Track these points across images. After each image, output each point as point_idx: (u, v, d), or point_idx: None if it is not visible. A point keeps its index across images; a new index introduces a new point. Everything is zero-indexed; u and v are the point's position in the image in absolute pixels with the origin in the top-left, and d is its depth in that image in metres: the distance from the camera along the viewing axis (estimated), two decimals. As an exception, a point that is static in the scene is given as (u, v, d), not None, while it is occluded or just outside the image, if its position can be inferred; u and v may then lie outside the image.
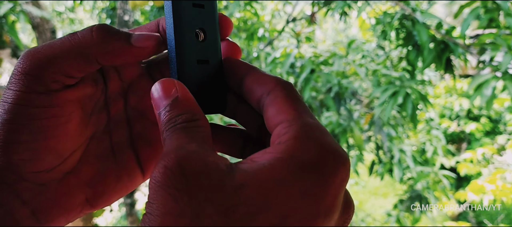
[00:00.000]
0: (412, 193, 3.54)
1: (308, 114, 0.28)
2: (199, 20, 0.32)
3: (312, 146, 0.25)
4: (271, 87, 0.29)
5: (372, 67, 2.98)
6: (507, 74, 1.72)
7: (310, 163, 0.25)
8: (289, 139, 0.26)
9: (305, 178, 0.24)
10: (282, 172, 0.24)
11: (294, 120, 0.27)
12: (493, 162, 4.29)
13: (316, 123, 0.27)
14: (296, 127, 0.26)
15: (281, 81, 0.29)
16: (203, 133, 0.28)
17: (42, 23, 2.84)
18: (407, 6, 2.20)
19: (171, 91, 0.29)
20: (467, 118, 5.47)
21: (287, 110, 0.28)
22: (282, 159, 0.25)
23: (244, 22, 3.83)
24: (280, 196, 0.24)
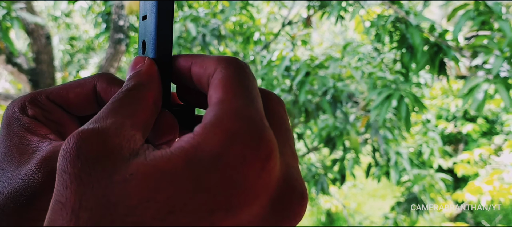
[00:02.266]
0: (409, 195, 3.54)
1: (237, 93, 0.25)
2: (144, 33, 0.33)
3: (217, 134, 0.23)
4: (214, 68, 0.28)
5: (368, 70, 2.99)
6: (499, 77, 1.72)
7: (210, 154, 0.22)
8: (200, 127, 0.24)
9: (203, 170, 0.22)
10: (177, 163, 0.22)
11: (216, 103, 0.25)
12: (490, 163, 4.30)
13: (239, 104, 0.25)
14: (211, 114, 0.24)
15: (223, 60, 0.28)
16: (137, 105, 0.27)
17: (37, 29, 2.84)
18: (400, 9, 2.21)
19: (138, 64, 0.30)
20: (464, 119, 5.47)
21: (216, 92, 0.26)
22: (183, 148, 0.23)
23: (240, 25, 3.84)
24: (168, 190, 0.22)
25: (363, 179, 4.35)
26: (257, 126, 0.23)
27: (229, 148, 0.22)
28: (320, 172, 3.43)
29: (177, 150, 0.23)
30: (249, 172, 0.22)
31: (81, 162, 0.22)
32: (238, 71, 0.27)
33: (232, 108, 0.24)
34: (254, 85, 0.27)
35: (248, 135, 0.23)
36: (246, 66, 0.28)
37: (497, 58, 1.70)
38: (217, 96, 0.25)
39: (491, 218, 5.09)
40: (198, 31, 3.00)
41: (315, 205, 5.47)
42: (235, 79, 0.26)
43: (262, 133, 0.23)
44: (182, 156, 0.22)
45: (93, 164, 0.22)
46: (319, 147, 3.57)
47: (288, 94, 3.15)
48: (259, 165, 0.23)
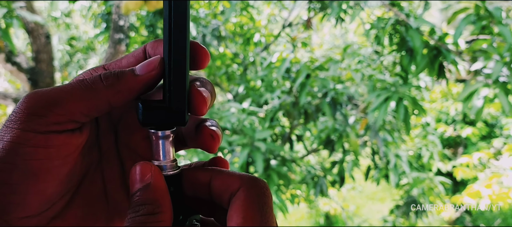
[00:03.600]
0: (408, 198, 3.54)
1: (256, 220, 0.28)
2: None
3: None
4: (237, 186, 0.30)
5: (367, 73, 2.98)
6: (498, 82, 1.71)
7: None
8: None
9: None
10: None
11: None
12: (489, 166, 4.29)
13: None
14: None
15: (246, 180, 0.30)
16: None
17: (37, 28, 2.84)
18: (400, 11, 2.20)
19: (146, 176, 0.30)
20: (463, 122, 5.47)
21: (237, 216, 0.28)
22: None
23: (240, 27, 3.84)
24: None
25: (362, 181, 4.35)
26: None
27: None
28: (319, 174, 3.42)
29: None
30: None
31: None
32: (259, 195, 0.29)
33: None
34: (271, 210, 0.29)
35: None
36: (266, 188, 0.30)
37: (497, 63, 1.70)
38: (237, 221, 0.28)
39: (490, 222, 5.09)
40: (198, 32, 3.00)
41: (314, 207, 5.46)
42: (255, 204, 0.29)
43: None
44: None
45: None
46: (318, 149, 3.57)
47: (288, 96, 3.15)
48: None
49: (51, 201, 0.31)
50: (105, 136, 0.35)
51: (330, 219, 5.66)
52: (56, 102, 0.29)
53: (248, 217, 0.28)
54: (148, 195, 0.29)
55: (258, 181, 0.30)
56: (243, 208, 0.29)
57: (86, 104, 0.30)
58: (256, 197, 0.29)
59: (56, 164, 0.30)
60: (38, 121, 0.29)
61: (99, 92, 0.30)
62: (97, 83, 0.31)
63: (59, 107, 0.29)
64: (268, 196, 0.30)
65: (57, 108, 0.29)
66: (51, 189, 0.30)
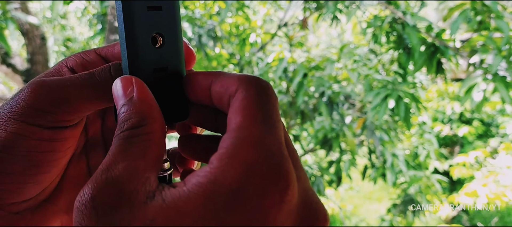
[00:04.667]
0: (405, 197, 3.54)
1: (257, 120, 0.24)
2: (157, 24, 0.29)
3: (235, 166, 0.22)
4: (235, 88, 0.27)
5: (364, 72, 2.99)
6: (497, 76, 1.72)
7: (229, 189, 0.22)
8: (216, 158, 0.23)
9: (223, 207, 0.21)
10: (196, 203, 0.21)
11: (233, 130, 0.24)
12: (486, 165, 4.30)
13: (258, 133, 0.24)
14: (228, 142, 0.24)
15: (244, 80, 0.27)
16: (146, 142, 0.25)
17: (32, 30, 2.83)
18: (397, 9, 2.21)
19: (127, 89, 0.27)
20: (460, 121, 5.49)
21: (236, 117, 0.25)
22: (201, 185, 0.22)
23: (236, 27, 3.83)
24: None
25: (360, 181, 4.35)
26: (276, 157, 0.23)
27: (247, 181, 0.22)
28: (316, 174, 3.42)
29: (195, 187, 0.22)
30: (270, 205, 0.22)
31: (98, 214, 0.22)
32: (260, 93, 0.26)
33: (250, 137, 0.23)
34: (275, 109, 0.26)
35: (266, 166, 0.22)
36: (268, 87, 0.27)
37: (496, 56, 1.70)
38: (236, 121, 0.25)
39: (487, 220, 5.10)
40: (194, 32, 2.99)
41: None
42: (256, 103, 0.25)
43: (281, 163, 0.23)
44: (200, 193, 0.22)
45: (111, 214, 0.22)
46: (315, 148, 3.57)
47: (285, 96, 3.15)
48: (279, 197, 0.22)
49: (42, 186, 0.30)
50: (93, 120, 0.35)
51: (328, 219, 5.65)
52: (65, 100, 0.28)
53: (248, 115, 0.24)
54: (133, 108, 0.27)
55: (258, 80, 0.27)
56: (242, 106, 0.25)
57: (96, 103, 0.29)
58: (256, 96, 0.26)
59: (59, 156, 0.30)
60: (46, 117, 0.28)
61: (108, 89, 0.29)
62: (109, 82, 0.29)
63: (68, 105, 0.28)
64: (270, 95, 0.26)
65: (66, 106, 0.28)
66: (48, 179, 0.30)
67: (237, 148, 0.23)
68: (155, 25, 0.29)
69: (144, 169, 0.24)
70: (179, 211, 0.21)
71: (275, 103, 0.26)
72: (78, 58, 0.32)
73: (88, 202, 0.22)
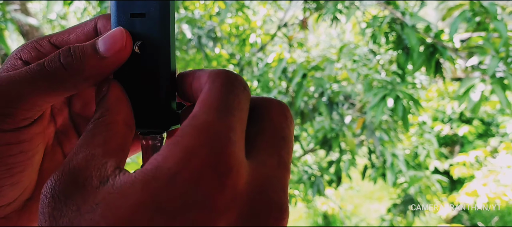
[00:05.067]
0: (405, 197, 3.54)
1: (213, 107, 0.24)
2: (138, 31, 0.29)
3: (175, 151, 0.22)
4: (204, 82, 0.26)
5: (363, 72, 2.99)
6: (495, 78, 1.71)
7: (167, 173, 0.21)
8: (166, 144, 0.23)
9: (161, 190, 0.21)
10: (136, 186, 0.22)
11: (188, 119, 0.24)
12: (486, 165, 4.30)
13: (207, 119, 0.23)
14: (179, 129, 0.24)
15: (212, 74, 0.26)
16: (107, 132, 0.26)
17: (31, 31, 2.83)
18: (396, 9, 2.21)
19: (102, 88, 0.28)
20: (460, 121, 5.49)
21: (196, 106, 0.25)
22: (146, 170, 0.22)
23: (236, 28, 3.83)
24: (127, 214, 0.21)
25: (360, 181, 4.35)
26: (219, 141, 0.22)
27: (185, 165, 0.21)
28: (316, 173, 3.42)
29: (140, 173, 0.22)
30: (207, 189, 0.21)
31: (55, 201, 0.23)
32: (225, 85, 0.25)
33: (197, 124, 0.23)
34: (238, 98, 0.25)
35: (205, 150, 0.22)
36: (236, 79, 0.26)
37: (493, 58, 1.70)
38: (194, 111, 0.24)
39: (487, 220, 5.10)
40: (193, 33, 2.99)
41: (312, 207, 5.46)
42: (217, 94, 0.25)
43: (224, 147, 0.22)
44: (142, 178, 0.22)
45: (66, 201, 0.23)
46: (315, 148, 3.57)
47: (285, 96, 3.15)
48: (218, 181, 0.21)
49: (22, 187, 0.30)
50: (60, 109, 0.34)
51: (328, 219, 5.66)
52: (19, 98, 0.27)
53: (205, 104, 0.24)
54: (101, 104, 0.27)
55: (227, 72, 0.26)
56: (202, 99, 0.25)
57: (51, 95, 0.28)
58: (220, 87, 0.25)
59: (30, 155, 0.29)
60: (5, 119, 0.27)
61: (65, 82, 0.28)
62: (60, 71, 0.28)
63: (24, 103, 0.27)
64: (236, 86, 0.25)
65: (22, 104, 0.27)
66: (25, 178, 0.30)
67: (182, 135, 0.23)
68: (138, 33, 0.29)
69: (103, 156, 0.24)
70: (122, 195, 0.21)
71: (241, 94, 0.25)
72: (32, 50, 0.31)
73: (48, 191, 0.23)
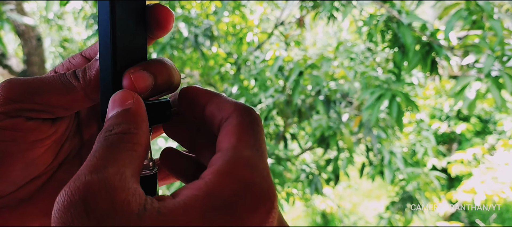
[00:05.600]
0: (403, 194, 3.54)
1: (249, 144, 0.26)
2: None
3: (231, 182, 0.24)
4: (230, 112, 0.28)
5: (360, 70, 2.99)
6: (490, 76, 1.72)
7: (225, 202, 0.23)
8: (211, 172, 0.25)
9: (217, 220, 0.23)
10: (193, 214, 0.23)
11: (228, 150, 0.26)
12: (483, 162, 4.31)
13: (250, 155, 0.26)
14: (223, 160, 0.25)
15: (240, 107, 0.28)
16: (133, 152, 0.26)
17: (28, 31, 2.82)
18: (392, 8, 2.21)
19: (126, 101, 0.28)
20: (457, 119, 5.49)
21: (229, 138, 0.27)
22: (197, 197, 0.23)
23: (232, 26, 3.83)
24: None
25: (358, 179, 4.36)
26: (266, 180, 0.25)
27: (242, 197, 0.24)
28: (314, 172, 3.43)
29: (191, 200, 0.23)
30: (258, 222, 0.24)
31: (90, 219, 0.22)
32: (252, 121, 0.28)
33: (245, 159, 0.25)
34: (263, 137, 0.28)
35: (259, 187, 0.24)
36: (259, 118, 0.29)
37: (489, 57, 1.70)
38: (230, 142, 0.26)
39: (485, 217, 5.11)
40: (190, 32, 2.99)
41: (310, 206, 5.47)
42: (248, 130, 0.27)
43: (270, 187, 0.25)
44: (198, 206, 0.23)
45: (104, 221, 0.22)
46: (313, 147, 3.57)
47: (282, 95, 3.15)
48: (266, 217, 0.24)
49: (16, 183, 0.30)
50: (87, 124, 0.35)
51: (326, 217, 5.66)
52: (35, 91, 0.29)
53: (242, 139, 0.26)
54: (126, 117, 0.27)
55: (252, 110, 0.29)
56: (236, 130, 0.27)
57: (65, 99, 0.30)
58: (250, 123, 0.28)
59: (21, 148, 0.29)
60: (12, 105, 0.28)
61: (78, 91, 0.30)
62: (73, 80, 0.30)
63: (37, 96, 0.29)
64: (260, 126, 0.28)
65: (36, 96, 0.29)
66: (16, 172, 0.30)
67: (234, 166, 0.25)
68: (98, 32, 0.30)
69: (131, 178, 0.24)
70: (177, 222, 0.22)
71: (263, 132, 0.28)
72: (66, 63, 0.34)
73: (79, 203, 0.22)
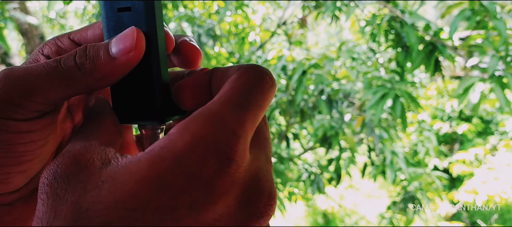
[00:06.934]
0: (405, 194, 3.54)
1: (232, 101, 0.25)
2: (125, 25, 0.30)
3: (186, 137, 0.24)
4: (233, 72, 0.28)
5: (363, 70, 2.99)
6: (494, 77, 1.71)
7: (175, 154, 0.23)
8: (173, 128, 0.25)
9: (167, 169, 0.23)
10: (143, 164, 0.23)
11: (205, 107, 0.25)
12: (485, 163, 4.30)
13: (223, 112, 0.25)
14: (193, 114, 0.25)
15: (244, 66, 0.28)
16: (101, 126, 0.29)
17: (31, 30, 2.83)
18: (395, 8, 2.20)
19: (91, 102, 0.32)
20: (459, 119, 5.48)
21: (216, 96, 0.26)
22: (151, 150, 0.24)
23: (235, 26, 3.83)
24: (133, 189, 0.22)
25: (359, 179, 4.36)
26: (226, 133, 0.24)
27: (191, 150, 0.23)
28: (316, 171, 3.43)
29: (146, 153, 0.24)
30: (210, 173, 0.23)
31: (57, 181, 0.24)
32: (250, 78, 0.27)
33: (210, 113, 0.25)
34: (261, 95, 0.26)
35: (212, 140, 0.24)
36: (264, 74, 0.27)
37: (493, 57, 1.70)
38: (210, 102, 0.26)
39: (487, 218, 5.11)
40: (193, 31, 2.99)
41: (312, 205, 5.47)
42: (237, 87, 0.26)
43: (228, 140, 0.24)
44: (148, 156, 0.23)
45: (69, 180, 0.24)
46: (315, 146, 3.57)
47: (284, 94, 3.15)
48: (219, 167, 0.23)
49: (29, 176, 0.31)
50: (77, 106, 0.35)
51: (328, 217, 5.66)
52: (34, 91, 0.28)
53: (225, 95, 0.26)
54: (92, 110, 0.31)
55: (257, 67, 0.27)
56: (225, 88, 0.26)
57: (65, 91, 0.29)
58: (246, 79, 0.26)
59: (39, 145, 0.30)
60: (17, 110, 0.28)
61: (78, 81, 0.29)
62: (74, 71, 0.29)
63: (37, 96, 0.28)
64: (263, 83, 0.27)
65: (36, 97, 0.28)
66: (34, 167, 0.30)
67: (193, 121, 0.24)
68: (123, 27, 0.30)
69: (99, 145, 0.26)
70: (128, 172, 0.23)
71: (266, 91, 0.27)
72: (53, 45, 0.33)
73: (50, 174, 0.25)
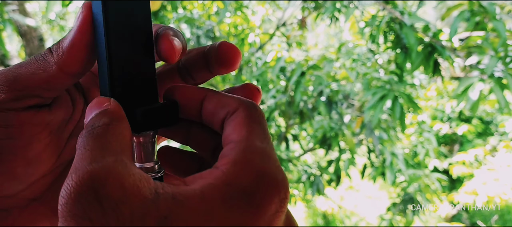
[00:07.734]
0: (404, 196, 3.54)
1: (259, 136, 0.27)
2: None
3: (248, 172, 0.24)
4: (235, 107, 0.28)
5: (362, 71, 2.99)
6: (493, 77, 1.72)
7: (243, 191, 0.24)
8: (227, 163, 0.25)
9: (236, 208, 0.23)
10: (212, 202, 0.23)
11: (240, 141, 0.26)
12: (485, 164, 4.30)
13: (263, 146, 0.26)
14: (238, 150, 0.25)
15: (245, 102, 0.29)
16: (122, 139, 0.25)
17: (30, 31, 2.83)
18: (395, 9, 2.20)
19: (103, 104, 0.27)
20: (459, 120, 5.48)
21: (239, 131, 0.27)
22: (215, 186, 0.23)
23: (234, 27, 3.83)
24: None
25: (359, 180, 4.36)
26: (280, 170, 0.26)
27: (259, 187, 0.24)
28: (316, 173, 3.42)
29: (209, 188, 0.23)
30: (274, 211, 0.24)
31: (103, 207, 0.21)
32: (257, 113, 0.28)
33: (259, 148, 0.26)
34: (268, 130, 0.29)
35: (273, 177, 0.25)
36: (263, 113, 0.29)
37: (492, 58, 1.70)
38: (241, 134, 0.27)
39: (487, 219, 5.10)
40: (192, 33, 2.99)
41: (311, 207, 5.47)
42: (257, 122, 0.28)
43: (283, 177, 0.26)
44: (216, 194, 0.23)
45: (118, 209, 0.21)
46: (314, 148, 3.57)
47: (284, 95, 3.15)
48: (280, 206, 0.25)
49: (22, 182, 0.29)
50: None
51: (328, 218, 5.66)
52: (14, 79, 0.28)
53: (253, 131, 0.27)
54: (106, 113, 0.26)
55: (257, 105, 0.29)
56: (246, 123, 0.27)
57: (43, 77, 0.28)
58: (257, 117, 0.28)
59: (20, 144, 0.29)
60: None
61: (53, 65, 0.28)
62: (48, 56, 0.28)
63: (16, 83, 0.28)
64: (265, 120, 0.29)
65: (14, 83, 0.28)
66: (19, 170, 0.29)
67: (249, 156, 0.25)
68: None
69: (131, 164, 0.24)
70: (196, 210, 0.22)
71: (267, 126, 0.29)
72: None
73: (88, 192, 0.21)
